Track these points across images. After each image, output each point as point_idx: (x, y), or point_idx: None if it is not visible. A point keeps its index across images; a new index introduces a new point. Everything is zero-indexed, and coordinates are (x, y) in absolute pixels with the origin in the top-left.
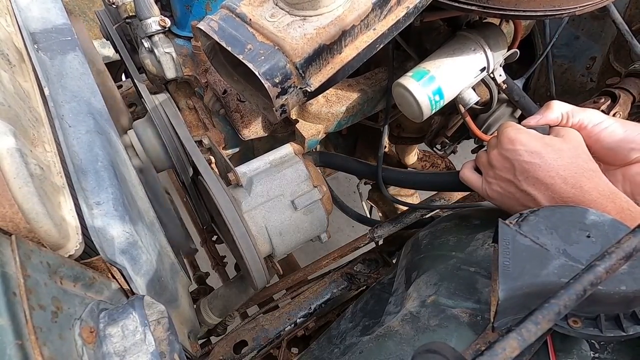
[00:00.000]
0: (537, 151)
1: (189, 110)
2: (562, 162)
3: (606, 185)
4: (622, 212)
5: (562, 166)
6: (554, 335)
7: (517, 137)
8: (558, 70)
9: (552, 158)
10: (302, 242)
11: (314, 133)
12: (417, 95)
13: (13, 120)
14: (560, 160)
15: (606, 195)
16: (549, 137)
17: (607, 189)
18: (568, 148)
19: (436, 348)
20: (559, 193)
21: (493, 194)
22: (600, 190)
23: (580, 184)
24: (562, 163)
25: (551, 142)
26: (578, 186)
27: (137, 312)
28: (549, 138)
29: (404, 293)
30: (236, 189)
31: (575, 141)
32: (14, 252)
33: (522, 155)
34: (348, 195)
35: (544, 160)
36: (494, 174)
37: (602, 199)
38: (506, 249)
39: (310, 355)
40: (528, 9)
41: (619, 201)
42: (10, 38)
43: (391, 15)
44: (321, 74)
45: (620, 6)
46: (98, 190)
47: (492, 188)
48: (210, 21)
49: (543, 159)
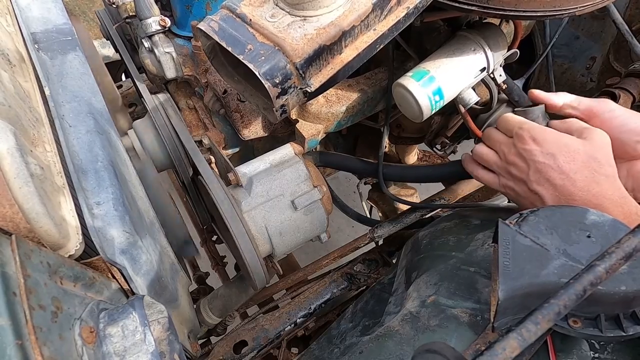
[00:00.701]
0: (552, 152)
1: (189, 110)
2: (574, 166)
3: (617, 191)
4: (629, 217)
5: (574, 169)
6: (554, 335)
7: (535, 136)
8: (558, 70)
9: (565, 160)
10: (302, 242)
11: (314, 133)
12: (417, 95)
13: (13, 120)
14: (573, 164)
15: (614, 200)
16: (569, 137)
17: (617, 194)
18: (585, 151)
19: (436, 348)
20: (565, 195)
21: (507, 190)
22: (609, 196)
23: (589, 188)
24: (574, 166)
25: (569, 143)
26: (586, 190)
27: (137, 312)
28: (569, 138)
29: (404, 293)
30: (236, 189)
31: (598, 144)
32: (14, 252)
33: (537, 155)
34: (348, 195)
35: (556, 162)
36: (508, 172)
37: (608, 203)
38: (506, 249)
39: (310, 355)
40: (528, 10)
41: (627, 207)
42: (10, 38)
43: (391, 16)
44: (321, 75)
45: (620, 6)
46: (98, 190)
47: (507, 184)
48: (210, 21)
49: (556, 161)
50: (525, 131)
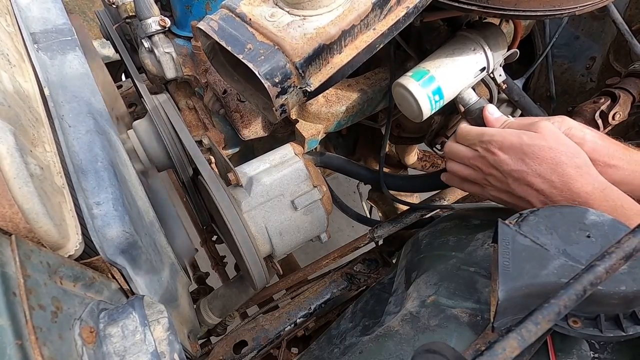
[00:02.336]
0: (521, 157)
1: (189, 110)
2: (546, 167)
3: (595, 180)
4: (615, 210)
5: (547, 171)
6: (553, 335)
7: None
8: (558, 70)
9: (536, 162)
10: (302, 242)
11: (314, 133)
12: (417, 95)
13: (13, 120)
14: (544, 165)
15: (597, 193)
16: (528, 136)
17: (598, 185)
18: (549, 147)
19: (436, 348)
20: (550, 197)
21: (496, 199)
22: (589, 190)
23: (569, 187)
24: (545, 168)
25: (531, 142)
26: (567, 189)
27: (137, 312)
28: (528, 136)
29: (404, 293)
30: (236, 189)
31: (550, 135)
32: (13, 252)
33: (510, 164)
34: (348, 195)
35: (530, 167)
36: (489, 183)
37: (592, 198)
38: (506, 249)
39: (310, 355)
40: (528, 9)
41: (611, 199)
42: (10, 38)
43: (391, 15)
44: (321, 74)
45: (620, 6)
46: (98, 190)
47: (493, 194)
48: (210, 21)
49: (529, 165)
50: (488, 143)
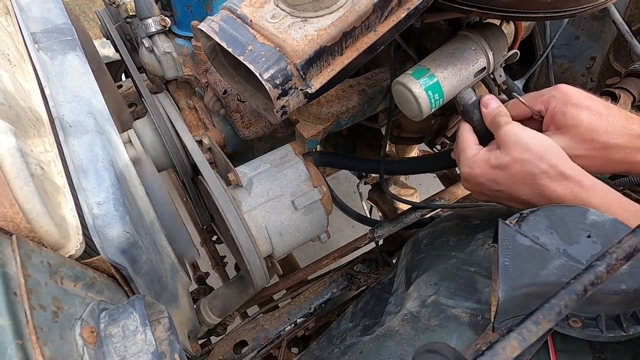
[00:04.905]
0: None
1: (189, 110)
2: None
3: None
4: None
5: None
6: (554, 335)
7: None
8: (558, 70)
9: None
10: (302, 242)
11: (314, 133)
12: (417, 93)
13: (13, 120)
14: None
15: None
16: (494, 156)
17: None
18: (513, 161)
19: (436, 348)
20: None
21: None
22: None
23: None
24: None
25: (496, 162)
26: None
27: (137, 312)
28: (494, 157)
29: (404, 293)
30: (236, 189)
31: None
32: (14, 252)
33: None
34: (348, 195)
35: (503, 187)
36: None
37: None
38: (506, 249)
39: (310, 355)
40: (529, 11)
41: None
42: (10, 38)
43: (392, 17)
44: (322, 76)
45: (620, 6)
46: (98, 190)
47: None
48: (211, 22)
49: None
50: (463, 173)
